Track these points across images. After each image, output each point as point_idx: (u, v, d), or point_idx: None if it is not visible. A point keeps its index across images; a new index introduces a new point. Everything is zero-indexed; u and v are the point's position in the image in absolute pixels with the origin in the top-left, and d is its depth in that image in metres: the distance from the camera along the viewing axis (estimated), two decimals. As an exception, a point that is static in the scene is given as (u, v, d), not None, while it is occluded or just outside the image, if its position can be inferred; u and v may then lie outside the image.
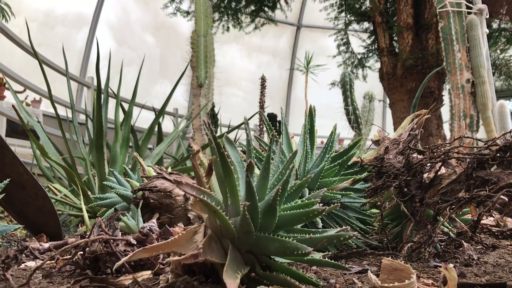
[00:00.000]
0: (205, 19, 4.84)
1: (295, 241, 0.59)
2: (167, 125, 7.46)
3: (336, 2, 8.00)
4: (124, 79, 2.90)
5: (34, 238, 1.51)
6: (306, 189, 1.08)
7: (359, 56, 7.99)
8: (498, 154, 0.87)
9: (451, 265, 0.68)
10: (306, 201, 0.65)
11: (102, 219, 0.92)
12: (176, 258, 0.55)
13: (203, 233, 0.60)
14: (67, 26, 8.20)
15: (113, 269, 0.73)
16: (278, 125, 6.01)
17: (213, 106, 5.48)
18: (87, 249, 0.86)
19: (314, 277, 0.67)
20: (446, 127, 5.92)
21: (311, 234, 0.64)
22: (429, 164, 1.00)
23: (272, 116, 6.76)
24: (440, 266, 0.82)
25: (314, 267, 0.93)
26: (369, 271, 0.67)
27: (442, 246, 0.97)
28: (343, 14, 7.94)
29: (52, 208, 1.48)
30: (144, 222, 1.41)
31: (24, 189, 1.42)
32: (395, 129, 6.29)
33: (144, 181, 1.56)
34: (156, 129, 3.06)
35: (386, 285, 0.60)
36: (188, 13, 8.06)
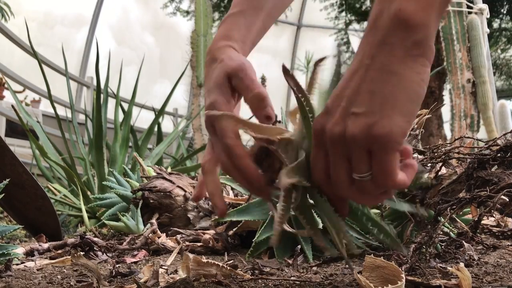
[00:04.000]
0: (205, 19, 4.83)
1: None
2: (167, 125, 7.45)
3: (336, 2, 8.00)
4: (124, 79, 2.89)
5: (33, 238, 1.51)
6: (306, 189, 1.07)
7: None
8: (499, 154, 0.87)
9: (462, 264, 0.67)
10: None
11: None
12: (259, 136, 0.58)
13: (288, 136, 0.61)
14: (66, 26, 8.20)
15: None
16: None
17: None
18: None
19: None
20: (446, 127, 5.92)
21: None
22: (429, 164, 1.00)
23: (272, 116, 6.72)
24: (442, 267, 0.82)
25: (314, 268, 0.93)
26: (355, 271, 0.67)
27: (442, 247, 0.97)
28: (343, 13, 7.94)
29: (52, 208, 1.48)
30: (143, 222, 1.41)
31: (24, 189, 1.42)
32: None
33: (144, 181, 1.55)
34: (156, 129, 3.06)
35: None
36: (188, 12, 8.06)
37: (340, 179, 0.54)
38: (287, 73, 0.57)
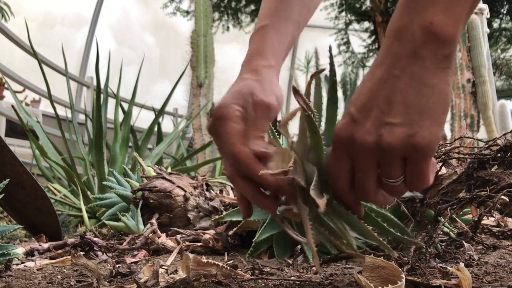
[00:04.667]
0: (205, 19, 4.83)
1: None
2: (167, 125, 7.45)
3: (336, 2, 8.00)
4: (124, 79, 2.89)
5: (33, 238, 1.51)
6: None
7: (359, 56, 7.99)
8: (499, 154, 0.87)
9: (462, 264, 0.68)
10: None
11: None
12: (269, 172, 0.57)
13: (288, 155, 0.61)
14: (66, 26, 8.20)
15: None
16: (278, 125, 5.99)
17: (213, 106, 5.48)
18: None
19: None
20: (446, 127, 5.92)
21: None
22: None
23: (272, 116, 6.73)
24: (442, 267, 0.82)
25: (314, 268, 0.93)
26: (354, 272, 0.67)
27: (442, 247, 0.97)
28: (343, 13, 7.94)
29: (52, 208, 1.48)
30: (143, 222, 1.41)
31: (24, 189, 1.42)
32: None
33: (144, 181, 1.55)
34: (156, 129, 3.06)
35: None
36: (188, 12, 8.06)
37: (369, 186, 0.55)
38: (297, 93, 0.58)
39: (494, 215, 1.31)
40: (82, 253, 1.13)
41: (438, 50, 0.50)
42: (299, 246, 1.01)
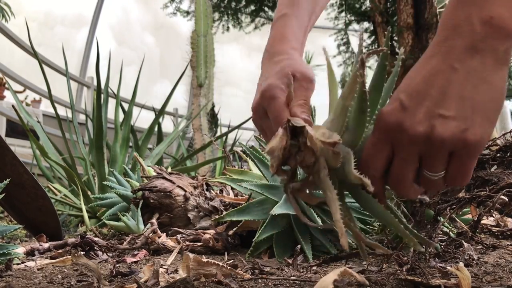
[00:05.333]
0: (205, 19, 4.83)
1: None
2: (167, 125, 7.46)
3: (336, 2, 8.00)
4: (124, 79, 2.89)
5: (34, 238, 1.51)
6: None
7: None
8: (498, 154, 0.87)
9: (462, 264, 0.68)
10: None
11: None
12: (322, 139, 0.55)
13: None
14: (67, 26, 8.21)
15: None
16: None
17: (213, 106, 5.48)
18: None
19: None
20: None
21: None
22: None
23: (272, 116, 6.72)
24: (442, 266, 0.82)
25: (314, 267, 0.93)
26: (354, 271, 0.67)
27: (442, 246, 0.97)
28: (343, 14, 7.94)
29: (52, 208, 1.48)
30: (144, 222, 1.41)
31: (24, 189, 1.42)
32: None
33: (144, 181, 1.55)
34: (156, 129, 3.06)
35: None
36: (188, 13, 8.05)
37: (406, 176, 0.54)
38: (362, 65, 0.55)
39: (493, 215, 1.31)
40: (82, 252, 1.13)
41: (498, 45, 0.49)
42: (299, 246, 1.01)
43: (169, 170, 1.83)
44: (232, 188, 1.54)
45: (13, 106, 2.50)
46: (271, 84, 0.67)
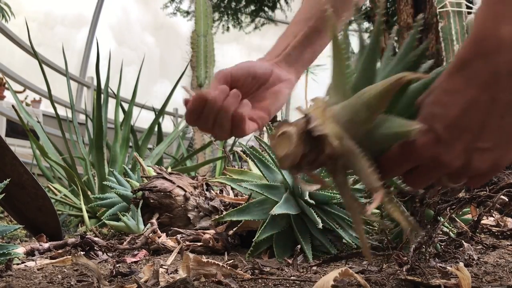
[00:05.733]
0: (205, 19, 4.83)
1: None
2: (167, 125, 7.45)
3: (336, 2, 7.99)
4: (124, 79, 2.89)
5: (34, 238, 1.51)
6: (306, 189, 1.08)
7: (359, 56, 7.97)
8: (498, 154, 0.87)
9: (462, 264, 0.68)
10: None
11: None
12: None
13: None
14: (67, 26, 8.21)
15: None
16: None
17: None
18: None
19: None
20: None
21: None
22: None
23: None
24: (442, 266, 0.82)
25: (314, 267, 0.93)
26: (354, 272, 0.67)
27: (442, 246, 0.97)
28: (343, 14, 7.92)
29: (52, 208, 1.48)
30: (144, 222, 1.41)
31: (24, 189, 1.42)
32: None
33: (144, 181, 1.56)
34: (156, 129, 3.06)
35: None
36: (188, 13, 8.05)
37: (425, 183, 0.55)
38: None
39: (493, 215, 1.31)
40: (82, 253, 1.13)
41: None
42: (299, 246, 1.01)
43: (169, 170, 1.83)
44: (232, 188, 1.54)
45: (13, 106, 2.50)
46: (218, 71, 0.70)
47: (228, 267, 0.81)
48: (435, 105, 0.50)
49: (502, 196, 0.87)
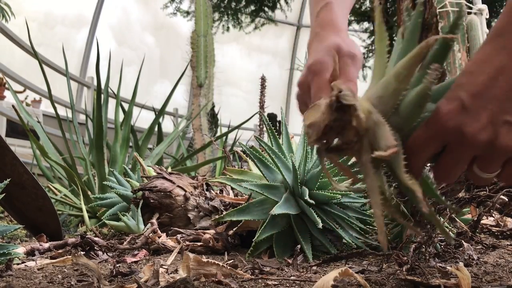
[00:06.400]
0: (205, 19, 4.83)
1: None
2: (167, 125, 7.45)
3: (336, 2, 7.99)
4: (124, 79, 2.89)
5: (34, 238, 1.51)
6: (306, 189, 1.08)
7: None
8: (498, 154, 0.87)
9: (461, 264, 0.68)
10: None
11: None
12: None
13: None
14: (67, 26, 8.20)
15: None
16: (278, 125, 6.01)
17: (213, 106, 5.48)
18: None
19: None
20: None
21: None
22: (429, 164, 1.01)
23: (272, 116, 6.76)
24: (441, 266, 0.82)
25: (314, 267, 0.93)
26: (353, 272, 0.67)
27: (442, 246, 0.97)
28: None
29: (52, 208, 1.48)
30: (144, 222, 1.41)
31: (24, 189, 1.42)
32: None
33: (144, 181, 1.56)
34: (156, 129, 3.06)
35: None
36: (188, 13, 8.05)
37: (453, 173, 0.51)
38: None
39: (493, 214, 1.31)
40: (82, 252, 1.13)
41: None
42: (299, 246, 1.01)
43: (169, 170, 1.83)
44: (232, 188, 1.54)
45: (13, 106, 2.50)
46: (317, 60, 0.66)
47: (228, 267, 0.82)
48: (462, 75, 0.48)
49: (502, 196, 0.87)
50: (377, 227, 0.52)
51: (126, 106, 2.86)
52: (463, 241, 0.96)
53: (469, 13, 4.12)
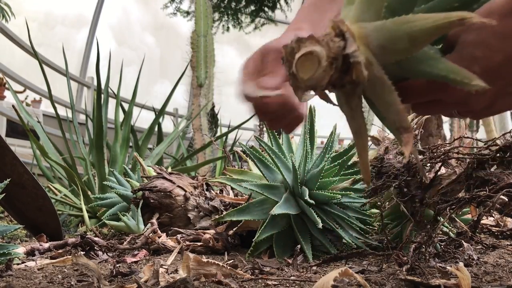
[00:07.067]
0: (205, 19, 4.83)
1: None
2: (167, 125, 7.46)
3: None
4: (124, 79, 2.90)
5: (34, 238, 1.51)
6: (306, 189, 1.08)
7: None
8: (498, 154, 0.87)
9: (461, 264, 0.68)
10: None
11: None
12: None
13: None
14: (67, 26, 8.21)
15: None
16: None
17: (213, 106, 5.48)
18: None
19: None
20: (446, 127, 5.92)
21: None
22: (429, 164, 1.00)
23: (272, 116, 6.70)
24: (441, 266, 0.82)
25: (314, 267, 0.93)
26: (353, 272, 0.67)
27: (442, 246, 0.97)
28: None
29: (52, 208, 1.48)
30: (144, 222, 1.41)
31: (24, 189, 1.42)
32: (395, 129, 6.25)
33: (144, 181, 1.56)
34: (156, 129, 3.06)
35: None
36: (188, 13, 8.05)
37: (432, 114, 0.56)
38: None
39: (493, 215, 1.31)
40: (82, 252, 1.13)
41: None
42: (298, 246, 1.01)
43: (169, 170, 1.83)
44: (232, 188, 1.54)
45: (13, 106, 2.50)
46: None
47: (228, 267, 0.82)
48: (478, 47, 0.46)
49: (502, 196, 0.87)
50: (361, 169, 0.51)
51: (126, 106, 2.86)
52: (463, 241, 0.96)
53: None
